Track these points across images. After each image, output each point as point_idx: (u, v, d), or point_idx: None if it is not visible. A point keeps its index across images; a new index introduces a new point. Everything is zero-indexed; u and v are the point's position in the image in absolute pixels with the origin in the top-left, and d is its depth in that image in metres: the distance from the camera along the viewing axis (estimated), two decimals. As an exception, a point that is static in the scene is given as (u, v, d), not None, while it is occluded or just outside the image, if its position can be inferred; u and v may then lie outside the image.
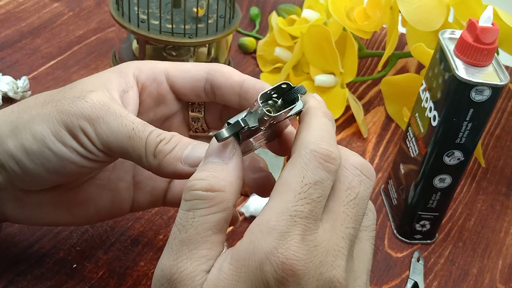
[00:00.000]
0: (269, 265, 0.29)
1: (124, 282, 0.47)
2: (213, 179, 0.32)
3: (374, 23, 0.64)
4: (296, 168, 0.31)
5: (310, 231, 0.30)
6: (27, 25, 0.73)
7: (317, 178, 0.31)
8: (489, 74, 0.46)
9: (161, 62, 0.40)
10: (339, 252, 0.31)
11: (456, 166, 0.50)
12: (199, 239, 0.31)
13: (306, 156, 0.31)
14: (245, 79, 0.39)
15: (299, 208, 0.30)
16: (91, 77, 0.39)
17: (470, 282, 0.53)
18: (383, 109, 0.70)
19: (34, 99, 0.39)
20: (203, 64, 0.40)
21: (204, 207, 0.31)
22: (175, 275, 0.31)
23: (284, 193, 0.31)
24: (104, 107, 0.36)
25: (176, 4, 0.63)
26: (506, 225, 0.59)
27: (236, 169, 0.33)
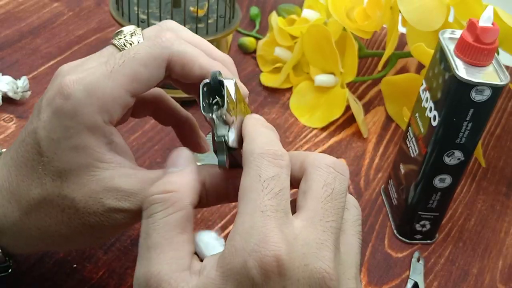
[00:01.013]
0: (252, 261, 0.30)
1: (124, 282, 0.47)
2: (167, 183, 0.34)
3: (374, 23, 0.64)
4: (250, 172, 0.32)
5: (284, 224, 0.31)
6: (27, 25, 0.73)
7: (272, 174, 0.32)
8: (489, 74, 0.46)
9: (115, 83, 0.36)
10: (322, 245, 0.31)
11: (456, 166, 0.50)
12: (163, 242, 0.32)
13: (256, 159, 0.32)
14: (207, 73, 0.37)
15: (267, 203, 0.31)
16: (70, 156, 0.36)
17: (470, 282, 0.53)
18: (383, 109, 0.70)
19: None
20: (160, 55, 0.37)
21: (161, 209, 0.33)
22: (151, 281, 0.32)
23: (248, 194, 0.32)
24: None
25: (176, 4, 0.63)
26: (506, 225, 0.59)
27: (190, 172, 0.35)
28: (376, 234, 0.56)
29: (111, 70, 0.36)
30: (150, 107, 0.44)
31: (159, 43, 0.37)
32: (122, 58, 0.36)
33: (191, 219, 0.34)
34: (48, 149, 0.36)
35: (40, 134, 0.36)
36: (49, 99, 0.36)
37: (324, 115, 0.67)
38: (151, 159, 0.59)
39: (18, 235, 0.39)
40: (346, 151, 0.64)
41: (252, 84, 0.71)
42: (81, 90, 0.35)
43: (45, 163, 0.36)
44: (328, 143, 0.65)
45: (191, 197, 0.34)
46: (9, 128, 0.59)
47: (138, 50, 0.37)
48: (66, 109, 0.35)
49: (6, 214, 0.38)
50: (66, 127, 0.36)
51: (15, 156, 0.38)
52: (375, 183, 0.61)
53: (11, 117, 0.61)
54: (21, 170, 0.38)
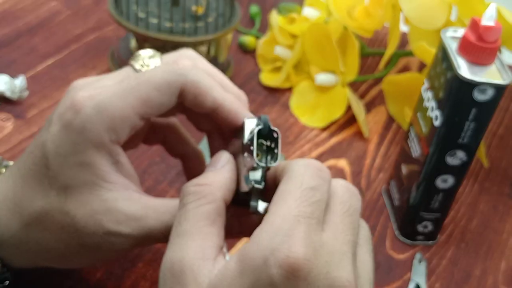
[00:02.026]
0: (273, 260, 0.30)
1: (122, 284, 0.47)
2: (201, 178, 0.35)
3: (376, 22, 0.64)
4: (292, 178, 0.33)
5: (314, 231, 0.31)
6: (24, 24, 0.72)
7: (314, 184, 0.33)
8: (492, 73, 0.46)
9: (126, 103, 0.36)
10: (344, 256, 0.32)
11: (458, 167, 0.50)
12: (193, 231, 0.33)
13: (301, 168, 0.34)
14: (219, 105, 0.38)
15: (302, 209, 0.32)
16: (76, 173, 0.36)
17: (473, 283, 0.53)
18: (385, 108, 0.70)
19: None
20: (174, 82, 0.37)
21: (193, 200, 0.34)
22: (175, 266, 0.32)
23: (285, 198, 0.32)
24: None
25: (175, 2, 0.62)
26: (509, 226, 0.59)
27: (226, 171, 0.36)
28: (377, 235, 0.56)
29: (124, 90, 0.37)
30: (161, 135, 0.45)
31: (175, 69, 0.37)
32: (136, 80, 0.37)
33: (222, 213, 0.34)
34: (55, 163, 0.36)
35: (48, 148, 0.37)
36: (60, 114, 0.37)
37: (324, 114, 0.66)
38: (150, 159, 0.58)
39: (17, 248, 0.39)
40: (347, 151, 0.64)
41: (252, 83, 0.70)
42: (91, 107, 0.36)
43: (51, 176, 0.37)
44: (329, 143, 0.64)
45: (223, 192, 0.35)
46: (6, 128, 0.59)
47: (153, 74, 0.37)
48: (75, 124, 0.36)
49: (8, 224, 0.38)
50: (73, 142, 0.36)
51: (22, 167, 0.38)
52: (376, 183, 0.61)
53: (8, 117, 0.60)
54: (27, 181, 0.38)
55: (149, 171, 0.57)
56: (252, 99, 0.68)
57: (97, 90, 0.37)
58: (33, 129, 0.59)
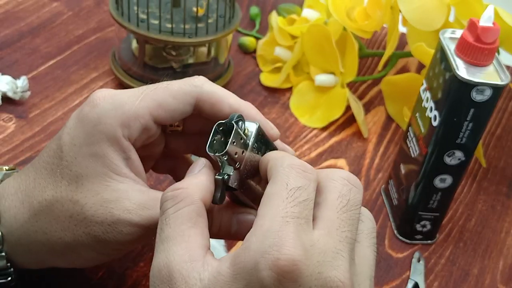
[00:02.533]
0: (264, 263, 0.30)
1: (124, 283, 0.47)
2: (178, 183, 0.35)
3: (375, 23, 0.64)
4: (278, 180, 0.33)
5: (303, 231, 0.31)
6: (26, 25, 0.73)
7: (299, 184, 0.33)
8: (490, 74, 0.46)
9: (142, 103, 0.39)
10: (337, 254, 0.31)
11: (456, 166, 0.50)
12: (175, 235, 0.33)
13: (285, 169, 0.33)
14: (236, 110, 0.39)
15: (289, 210, 0.31)
16: (89, 162, 0.38)
17: (471, 282, 0.53)
18: (384, 109, 0.70)
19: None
20: (190, 92, 0.39)
21: (172, 204, 0.34)
22: (162, 272, 0.32)
23: (272, 200, 0.32)
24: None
25: (176, 4, 0.63)
26: (507, 225, 0.59)
27: (201, 175, 0.36)
28: (376, 234, 0.56)
29: (142, 93, 0.39)
30: (170, 164, 0.46)
31: (191, 82, 0.40)
32: (155, 86, 0.40)
33: (202, 214, 0.34)
34: (69, 153, 0.38)
35: (64, 139, 0.38)
36: (78, 110, 0.39)
37: (324, 115, 0.67)
38: (151, 159, 0.58)
39: (24, 239, 0.39)
40: (346, 151, 0.64)
41: (252, 84, 0.70)
42: (108, 102, 0.38)
43: (63, 166, 0.38)
44: (328, 143, 0.65)
45: (201, 194, 0.35)
46: (9, 128, 0.59)
47: (171, 83, 0.40)
48: (91, 116, 0.38)
49: (17, 215, 0.39)
50: (88, 133, 0.38)
51: (36, 162, 0.40)
52: (375, 183, 0.61)
53: (10, 117, 0.60)
54: (40, 173, 0.39)
55: (150, 171, 0.57)
56: (252, 99, 0.68)
57: (116, 91, 0.39)
58: (35, 129, 0.59)
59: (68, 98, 0.64)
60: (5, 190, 0.40)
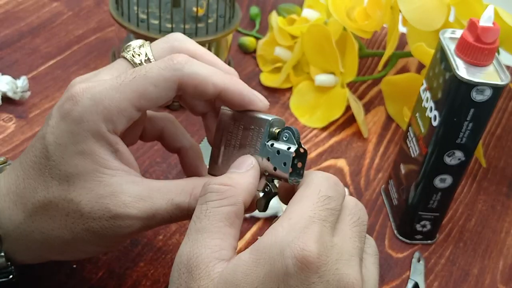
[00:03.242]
0: (290, 251, 0.32)
1: (124, 283, 0.47)
2: (226, 178, 0.36)
3: (375, 23, 0.64)
4: (311, 186, 0.35)
5: (326, 233, 0.34)
6: (26, 25, 0.73)
7: (330, 194, 0.35)
8: (490, 74, 0.46)
9: (123, 96, 0.37)
10: (352, 257, 0.34)
11: (457, 166, 0.50)
12: (212, 229, 0.34)
13: (319, 179, 0.36)
14: (222, 90, 0.39)
15: (317, 212, 0.34)
16: (77, 161, 0.37)
17: (471, 282, 0.53)
18: (384, 109, 0.70)
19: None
20: (171, 77, 0.38)
21: (216, 199, 0.35)
22: (191, 260, 0.34)
23: (302, 201, 0.35)
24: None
25: (176, 4, 0.63)
26: (507, 225, 0.59)
27: (250, 176, 0.37)
28: (376, 234, 0.56)
29: (121, 84, 0.37)
30: (158, 131, 0.45)
31: (170, 65, 0.38)
32: (133, 74, 0.38)
33: (241, 216, 0.36)
34: (55, 153, 0.37)
35: (48, 139, 0.38)
36: (58, 106, 0.38)
37: (324, 115, 0.67)
38: (151, 159, 0.58)
39: (21, 239, 0.39)
40: (346, 151, 0.64)
41: (252, 84, 0.70)
42: (89, 98, 0.37)
43: (51, 166, 0.38)
44: (328, 143, 0.65)
45: (245, 197, 0.36)
46: (9, 128, 0.59)
47: (150, 69, 0.38)
48: (73, 115, 0.37)
49: (11, 216, 0.39)
50: (72, 132, 0.37)
51: (23, 161, 0.39)
52: (375, 183, 0.61)
53: (10, 117, 0.60)
54: (28, 173, 0.39)
55: (150, 171, 0.57)
56: (252, 99, 0.68)
57: (94, 83, 0.38)
58: (35, 129, 0.59)
59: (68, 98, 0.64)
60: None
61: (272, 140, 0.38)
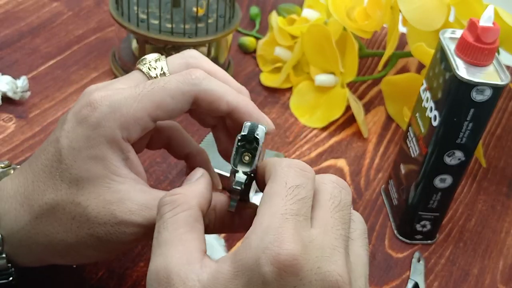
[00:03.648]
0: (264, 258, 0.30)
1: (124, 283, 0.47)
2: (177, 189, 0.36)
3: (375, 23, 0.64)
4: (277, 179, 0.34)
5: (302, 227, 0.32)
6: (26, 25, 0.73)
7: (298, 182, 0.33)
8: (490, 74, 0.46)
9: (140, 105, 0.38)
10: (334, 250, 0.32)
11: (457, 166, 0.50)
12: (173, 238, 0.34)
13: (284, 169, 0.34)
14: (234, 108, 0.40)
15: (289, 207, 0.32)
16: (89, 165, 0.38)
17: (471, 282, 0.53)
18: (384, 109, 0.70)
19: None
20: (188, 91, 0.39)
21: (169, 209, 0.35)
22: (160, 274, 0.33)
23: (271, 199, 0.33)
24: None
25: (176, 4, 0.63)
26: (507, 225, 0.59)
27: (199, 183, 0.37)
28: (376, 234, 0.56)
29: (139, 94, 0.38)
30: (165, 140, 0.46)
31: (189, 79, 0.39)
32: (152, 85, 0.39)
33: (199, 219, 0.35)
34: (68, 156, 0.38)
35: (62, 143, 0.38)
36: (75, 111, 0.39)
37: (324, 115, 0.67)
38: (151, 159, 0.58)
39: (25, 241, 0.39)
40: (346, 151, 0.64)
41: (252, 84, 0.70)
42: (107, 105, 0.38)
43: (63, 170, 0.38)
44: (328, 143, 0.65)
45: (198, 200, 0.36)
46: (9, 128, 0.59)
47: (168, 81, 0.39)
48: (90, 120, 0.38)
49: (17, 217, 0.39)
50: (88, 137, 0.38)
51: (34, 163, 0.40)
52: (375, 183, 0.61)
53: (10, 117, 0.60)
54: (38, 176, 0.39)
55: (150, 171, 0.57)
56: (252, 99, 0.67)
57: (113, 91, 0.39)
58: (35, 129, 0.59)
59: (68, 98, 0.64)
60: (3, 192, 0.40)
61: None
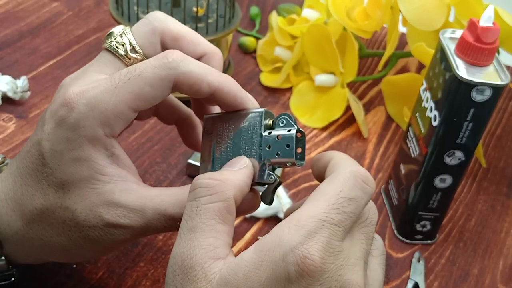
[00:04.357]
0: (292, 257, 0.31)
1: (124, 283, 0.47)
2: (216, 174, 0.35)
3: (375, 23, 0.64)
4: (334, 182, 0.34)
5: (336, 237, 0.32)
6: (26, 25, 0.73)
7: (353, 195, 0.34)
8: (490, 74, 0.46)
9: (119, 98, 0.36)
10: (358, 261, 0.33)
11: (457, 166, 0.50)
12: (204, 227, 0.33)
13: (346, 174, 0.34)
14: (215, 89, 0.38)
15: (330, 216, 0.33)
16: (73, 168, 0.37)
17: (471, 282, 0.53)
18: (384, 109, 0.70)
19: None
20: (166, 76, 0.36)
21: (205, 194, 0.34)
22: (185, 262, 0.33)
23: (319, 200, 0.33)
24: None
25: (176, 4, 0.63)
26: (507, 225, 0.59)
27: (242, 174, 0.36)
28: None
29: (116, 86, 0.36)
30: (153, 108, 0.44)
31: (165, 63, 0.36)
32: (128, 75, 0.36)
33: (233, 212, 0.34)
34: (52, 160, 0.37)
35: (44, 146, 0.37)
36: (52, 111, 0.37)
37: (324, 115, 0.67)
38: (151, 159, 0.58)
39: (21, 244, 0.39)
40: (346, 151, 0.64)
41: (252, 84, 0.70)
42: (84, 104, 0.36)
43: (48, 174, 0.37)
44: (328, 143, 0.65)
45: (236, 193, 0.35)
46: (9, 128, 0.59)
47: (144, 69, 0.36)
48: (68, 121, 0.36)
49: (10, 222, 0.39)
50: (68, 139, 0.36)
51: (20, 166, 0.39)
52: (375, 183, 0.61)
53: (10, 117, 0.60)
54: (26, 180, 0.38)
55: (150, 171, 0.57)
56: (252, 99, 0.68)
57: (88, 86, 0.37)
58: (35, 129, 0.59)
59: (68, 98, 0.64)
60: None
61: (268, 130, 0.37)
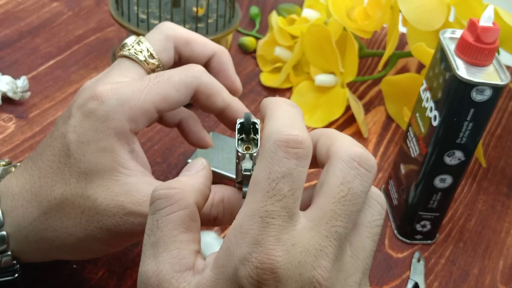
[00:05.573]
0: (243, 270, 0.29)
1: (124, 283, 0.47)
2: (174, 182, 0.34)
3: (375, 23, 0.64)
4: (262, 164, 0.30)
5: (285, 229, 0.29)
6: (26, 25, 0.73)
7: (284, 170, 0.29)
8: (490, 74, 0.46)
9: (147, 98, 0.39)
10: (321, 252, 0.29)
11: (456, 166, 0.50)
12: (167, 240, 0.32)
13: (271, 149, 0.30)
14: (227, 105, 0.42)
15: (270, 208, 0.29)
16: (98, 158, 0.38)
17: (471, 282, 0.53)
18: (384, 109, 0.70)
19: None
20: (191, 83, 0.40)
21: (165, 206, 0.32)
22: (151, 280, 0.31)
23: (253, 193, 0.30)
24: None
25: (176, 4, 0.63)
26: (507, 225, 0.59)
27: (200, 176, 0.35)
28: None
29: (146, 87, 0.39)
30: (177, 116, 0.47)
31: (191, 72, 0.41)
32: (157, 78, 0.40)
33: (196, 218, 0.33)
34: (77, 151, 0.38)
35: (70, 137, 0.39)
36: (80, 105, 0.39)
37: (324, 115, 0.67)
38: (151, 159, 0.58)
39: (32, 237, 0.39)
40: (346, 151, 0.64)
41: (252, 84, 0.70)
42: (115, 98, 0.39)
43: (71, 164, 0.38)
44: (328, 143, 0.65)
45: (196, 197, 0.33)
46: (9, 128, 0.59)
47: (172, 75, 0.40)
48: (98, 113, 0.38)
49: (25, 214, 0.39)
50: (96, 129, 0.38)
51: (39, 160, 0.40)
52: (375, 183, 0.61)
53: (10, 117, 0.60)
54: (45, 172, 0.39)
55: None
56: (252, 99, 0.68)
57: (118, 84, 0.39)
58: (35, 129, 0.59)
59: (68, 98, 0.64)
60: (8, 190, 0.40)
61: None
